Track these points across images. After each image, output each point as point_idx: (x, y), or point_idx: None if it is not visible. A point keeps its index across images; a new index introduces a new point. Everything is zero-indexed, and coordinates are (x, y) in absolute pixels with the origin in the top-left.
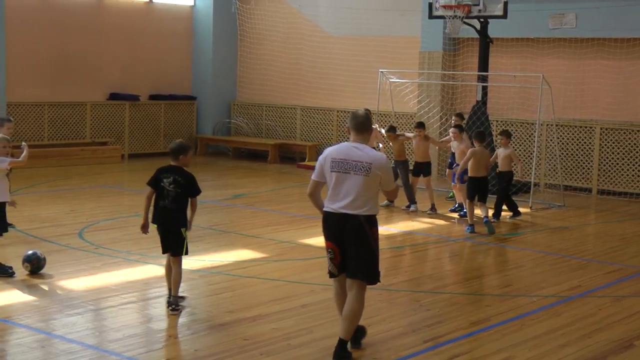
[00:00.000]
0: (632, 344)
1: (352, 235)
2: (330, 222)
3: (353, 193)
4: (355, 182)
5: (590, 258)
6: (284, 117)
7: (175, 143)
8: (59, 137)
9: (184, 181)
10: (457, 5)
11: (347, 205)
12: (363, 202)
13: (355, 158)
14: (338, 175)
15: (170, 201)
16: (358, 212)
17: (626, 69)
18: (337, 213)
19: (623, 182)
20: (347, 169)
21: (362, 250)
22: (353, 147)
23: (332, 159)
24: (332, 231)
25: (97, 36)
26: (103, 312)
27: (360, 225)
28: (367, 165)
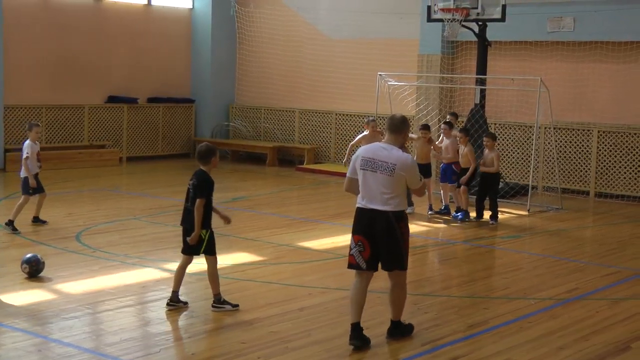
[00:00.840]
0: (628, 347)
1: (382, 230)
2: (361, 217)
3: (380, 191)
4: (382, 180)
5: (588, 261)
6: (282, 120)
7: (200, 147)
8: (57, 140)
9: (197, 182)
10: (456, 8)
11: (376, 202)
12: (390, 199)
13: (381, 158)
14: (366, 173)
15: (190, 203)
16: (386, 208)
17: (624, 72)
18: (367, 209)
19: (620, 185)
20: (375, 167)
21: (391, 244)
22: (381, 148)
23: (362, 158)
24: (363, 226)
25: (96, 39)
26: (100, 316)
27: (389, 220)
28: (392, 166)
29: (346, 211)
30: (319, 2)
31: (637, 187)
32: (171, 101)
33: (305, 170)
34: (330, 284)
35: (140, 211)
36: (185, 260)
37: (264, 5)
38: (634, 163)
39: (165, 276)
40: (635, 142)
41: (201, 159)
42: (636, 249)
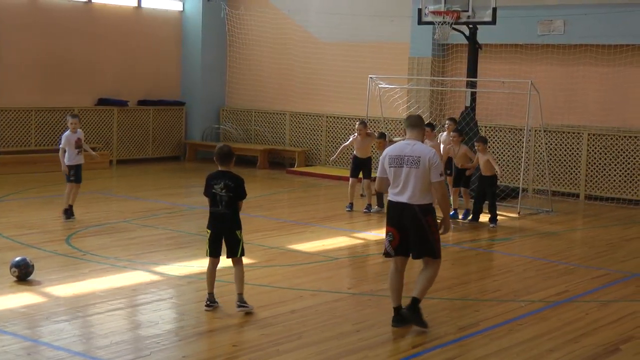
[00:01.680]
0: (618, 348)
1: (410, 222)
2: (392, 211)
3: (408, 185)
4: (409, 174)
5: (578, 263)
6: (273, 123)
7: (224, 148)
8: (46, 143)
9: (234, 185)
10: (447, 11)
11: (404, 196)
12: (416, 192)
13: (407, 153)
14: (395, 169)
15: (223, 206)
16: (413, 202)
17: (614, 75)
18: (397, 202)
19: (610, 188)
20: (401, 163)
21: (419, 235)
22: (406, 144)
23: (390, 157)
24: (394, 218)
25: (86, 41)
26: (90, 319)
27: (415, 213)
28: (417, 159)
29: (336, 214)
30: (310, 5)
31: (626, 189)
32: (161, 104)
33: (296, 173)
34: (321, 286)
35: (131, 214)
36: (216, 262)
37: (254, 8)
38: (624, 166)
39: (155, 279)
40: (625, 145)
41: (224, 159)
42: (626, 252)
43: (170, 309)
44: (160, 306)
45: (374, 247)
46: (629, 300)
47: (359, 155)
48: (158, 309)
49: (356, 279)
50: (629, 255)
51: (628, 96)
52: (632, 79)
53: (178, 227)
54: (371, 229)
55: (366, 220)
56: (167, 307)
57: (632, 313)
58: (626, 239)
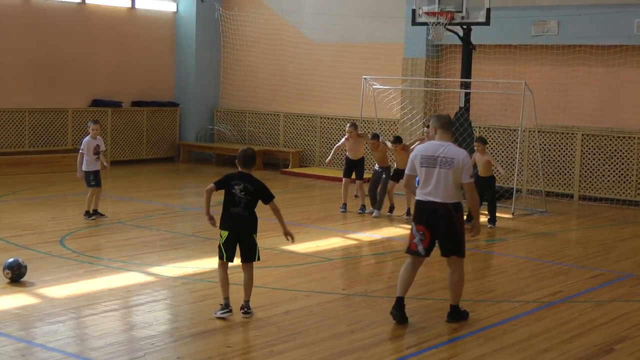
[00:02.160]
0: (612, 349)
1: (441, 220)
2: (422, 209)
3: (439, 184)
4: (441, 174)
5: (572, 264)
6: (267, 124)
7: (248, 152)
8: (40, 144)
9: (253, 189)
10: (440, 12)
11: (436, 194)
12: (449, 192)
13: (440, 154)
14: (427, 169)
15: (242, 208)
16: (445, 200)
17: (608, 76)
18: (427, 201)
19: (604, 188)
20: (434, 163)
21: (450, 232)
22: (439, 145)
23: (421, 156)
24: (424, 216)
25: (79, 42)
26: (84, 320)
27: (448, 211)
28: (450, 160)
29: (331, 215)
30: (304, 6)
31: (620, 190)
32: (155, 105)
33: (290, 173)
34: (315, 287)
35: (125, 215)
36: (226, 266)
37: (248, 9)
38: (618, 166)
39: (149, 280)
40: (618, 146)
41: (248, 163)
42: (620, 252)
43: (164, 310)
44: (155, 307)
45: (368, 248)
46: (623, 300)
47: (352, 157)
48: (152, 310)
49: (350, 279)
50: (623, 255)
51: (622, 97)
52: (625, 80)
53: (172, 228)
54: (365, 230)
55: (360, 221)
56: (162, 308)
57: (626, 313)
58: (620, 239)
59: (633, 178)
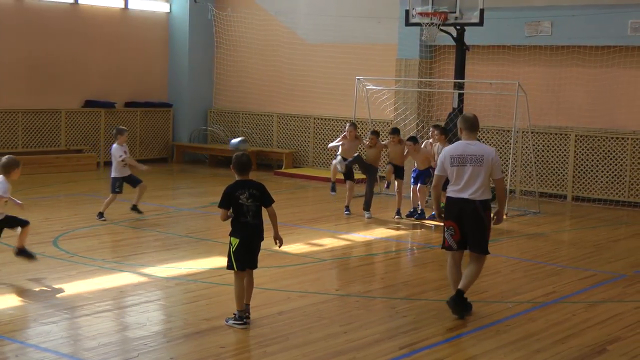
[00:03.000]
0: (605, 349)
1: (470, 216)
2: (452, 206)
3: (470, 182)
4: (471, 172)
5: (565, 264)
6: (260, 125)
7: (243, 158)
8: (33, 145)
9: (258, 193)
10: (434, 12)
11: (466, 192)
12: (477, 189)
13: (469, 153)
14: (457, 168)
15: (252, 217)
16: (474, 197)
17: (601, 77)
18: (457, 198)
19: (597, 189)
20: (464, 162)
21: (477, 228)
22: (467, 144)
23: (451, 156)
24: (454, 213)
25: (72, 43)
26: (78, 321)
27: (476, 208)
28: (480, 158)
29: (324, 215)
30: (297, 7)
31: (613, 191)
32: (149, 106)
33: (284, 174)
34: (309, 288)
35: (118, 216)
36: (242, 277)
37: (241, 10)
38: (611, 167)
39: (143, 281)
40: (612, 146)
41: (244, 169)
42: (613, 253)
43: (157, 310)
44: (148, 308)
45: (361, 249)
46: (616, 301)
47: (345, 157)
48: (146, 311)
49: (343, 280)
50: (616, 256)
51: (615, 97)
52: (619, 80)
53: (166, 229)
54: (358, 230)
55: (353, 222)
56: (155, 308)
57: (619, 314)
58: (613, 240)
59: (626, 179)
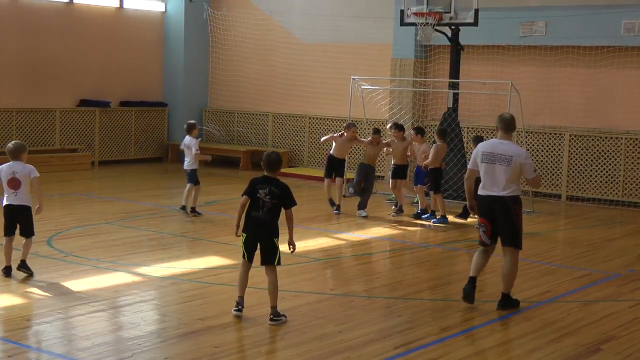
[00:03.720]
0: (599, 348)
1: (500, 212)
2: (483, 203)
3: (499, 179)
4: (500, 170)
5: (560, 264)
6: (255, 124)
7: (272, 155)
8: (28, 144)
9: (279, 192)
10: (429, 12)
11: (494, 189)
12: (507, 186)
13: (500, 151)
14: (486, 165)
15: (265, 212)
16: (503, 194)
17: (595, 77)
18: (487, 195)
19: (591, 189)
20: (494, 160)
21: (508, 223)
22: (499, 143)
23: (483, 153)
24: (485, 209)
25: (67, 42)
26: (72, 321)
27: (506, 204)
28: (509, 158)
29: (319, 215)
30: (293, 6)
31: (608, 190)
32: (144, 105)
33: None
34: (303, 287)
35: (112, 215)
36: (248, 267)
37: (237, 9)
38: (605, 166)
39: (137, 280)
40: (606, 146)
41: (272, 166)
42: (607, 252)
43: (152, 310)
44: (142, 308)
45: (356, 248)
46: (610, 300)
47: (337, 156)
48: (140, 311)
49: (338, 280)
50: (611, 255)
51: (609, 97)
52: (613, 80)
53: (160, 228)
54: (353, 230)
55: (348, 222)
56: (149, 308)
57: (613, 313)
58: (608, 240)
59: (620, 178)
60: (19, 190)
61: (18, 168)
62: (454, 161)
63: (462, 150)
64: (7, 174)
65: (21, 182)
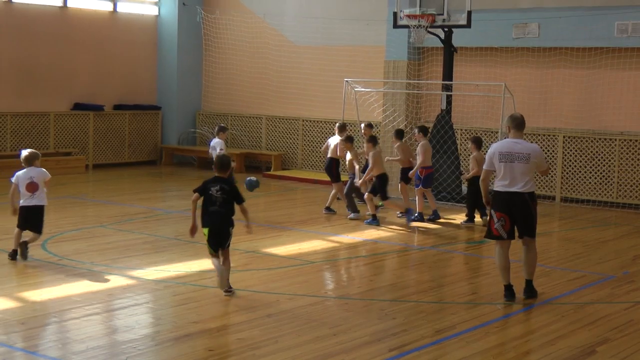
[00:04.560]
0: (594, 350)
1: (519, 207)
2: (502, 198)
3: (518, 177)
4: (519, 168)
5: (554, 265)
6: (249, 127)
7: (223, 159)
8: (22, 147)
9: (228, 188)
10: (422, 14)
11: (515, 186)
12: (526, 183)
13: (517, 150)
14: (505, 164)
15: (219, 206)
16: (522, 190)
17: (588, 78)
18: (506, 192)
19: (585, 190)
20: (512, 159)
21: (526, 217)
22: (515, 143)
23: (500, 153)
24: (503, 205)
25: (61, 45)
26: (66, 324)
27: (525, 199)
28: (527, 156)
29: (312, 217)
30: (286, 9)
31: (602, 192)
32: (137, 108)
33: (273, 176)
34: (298, 290)
35: (107, 219)
36: (218, 258)
37: (230, 12)
38: (599, 168)
39: (131, 283)
40: (600, 147)
41: (222, 168)
42: (601, 254)
43: (146, 313)
44: (137, 311)
45: (350, 251)
46: (605, 302)
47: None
48: (134, 314)
49: (333, 282)
50: (605, 257)
51: (602, 98)
52: (606, 82)
53: (154, 231)
54: (346, 232)
55: (342, 224)
56: (143, 311)
57: (608, 315)
58: (602, 241)
59: (614, 180)
60: (36, 193)
61: (34, 173)
62: (447, 163)
63: (456, 152)
64: (25, 179)
65: (38, 185)
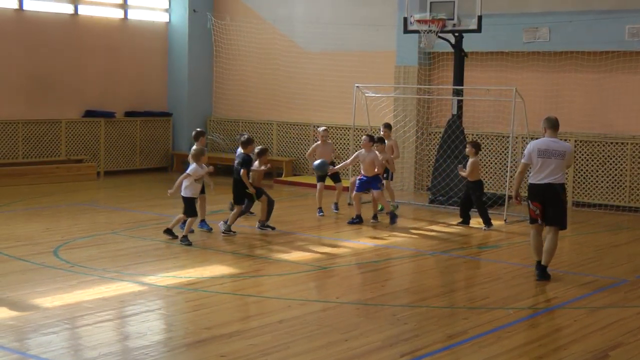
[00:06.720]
0: (607, 355)
1: (550, 197)
2: (537, 190)
3: (553, 170)
4: (555, 163)
5: (566, 270)
6: (260, 133)
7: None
8: (34, 155)
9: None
10: (432, 19)
11: (549, 179)
12: (559, 176)
13: (554, 148)
14: (543, 160)
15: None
16: (554, 182)
17: (599, 82)
18: (541, 184)
19: (597, 194)
20: (550, 155)
21: (556, 207)
22: (551, 141)
23: (539, 149)
24: (539, 195)
25: (72, 53)
26: (78, 331)
27: (556, 190)
28: (563, 153)
29: (324, 223)
30: (295, 15)
31: (614, 196)
32: (148, 115)
33: (284, 182)
34: (309, 296)
35: (118, 225)
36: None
37: (240, 18)
38: (611, 172)
39: (143, 290)
40: (611, 151)
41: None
42: (613, 258)
43: (158, 320)
44: (149, 317)
45: (361, 256)
46: (617, 306)
47: None
48: (146, 320)
49: (344, 288)
50: (617, 261)
51: (614, 102)
52: (617, 85)
53: (166, 238)
54: (357, 237)
55: (353, 230)
56: (155, 318)
57: (620, 319)
58: (614, 245)
59: (626, 184)
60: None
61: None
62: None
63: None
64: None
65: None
